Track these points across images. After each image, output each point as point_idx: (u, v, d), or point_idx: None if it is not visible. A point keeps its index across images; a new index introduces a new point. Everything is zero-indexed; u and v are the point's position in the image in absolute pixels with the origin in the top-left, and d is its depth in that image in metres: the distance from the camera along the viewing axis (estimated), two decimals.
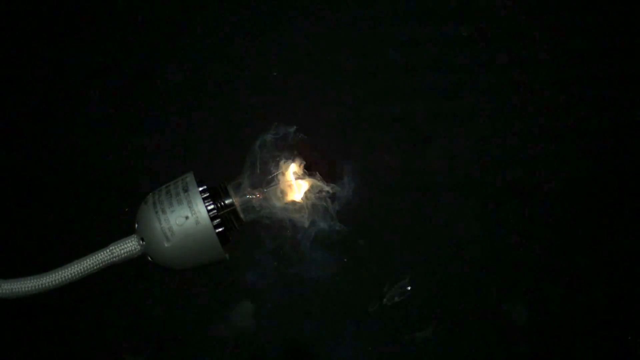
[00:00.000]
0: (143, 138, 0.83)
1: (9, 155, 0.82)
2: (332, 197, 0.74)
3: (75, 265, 0.69)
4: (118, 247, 0.70)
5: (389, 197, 0.83)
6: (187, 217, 0.67)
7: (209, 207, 0.67)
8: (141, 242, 0.69)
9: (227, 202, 0.70)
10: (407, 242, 0.82)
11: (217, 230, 0.67)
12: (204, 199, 0.67)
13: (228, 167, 0.76)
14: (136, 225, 0.70)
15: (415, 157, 0.84)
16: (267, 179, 0.72)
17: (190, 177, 0.69)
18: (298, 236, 0.74)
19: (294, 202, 0.73)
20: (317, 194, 0.73)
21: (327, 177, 0.74)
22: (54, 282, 0.69)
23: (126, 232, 0.70)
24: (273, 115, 0.82)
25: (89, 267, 0.70)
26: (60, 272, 0.69)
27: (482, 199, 0.83)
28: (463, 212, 0.83)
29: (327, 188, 0.74)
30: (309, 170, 0.73)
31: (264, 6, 0.90)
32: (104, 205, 0.80)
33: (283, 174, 0.72)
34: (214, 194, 0.69)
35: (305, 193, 0.73)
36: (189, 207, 0.67)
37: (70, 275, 0.69)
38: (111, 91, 0.85)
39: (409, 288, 0.79)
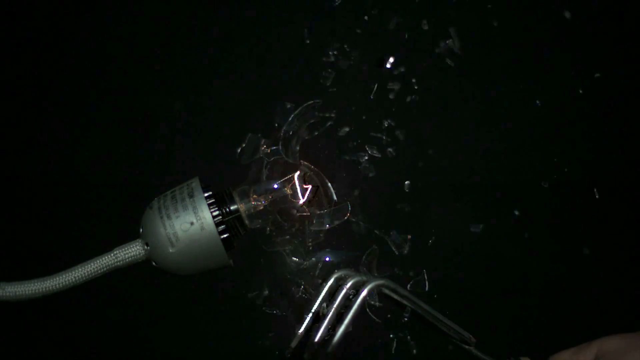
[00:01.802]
0: (149, 143, 0.84)
1: (15, 160, 0.82)
2: (334, 200, 0.74)
3: (80, 269, 0.69)
4: (122, 251, 0.70)
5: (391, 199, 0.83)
6: (192, 223, 0.67)
7: (214, 213, 0.67)
8: (146, 246, 0.69)
9: (232, 208, 0.70)
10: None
11: (222, 237, 0.67)
12: (209, 204, 0.67)
13: (234, 173, 0.76)
14: (141, 230, 0.69)
15: (415, 159, 0.85)
16: (273, 185, 0.72)
17: (195, 183, 0.69)
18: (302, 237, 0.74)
19: (299, 208, 0.73)
20: (320, 199, 0.73)
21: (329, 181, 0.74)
22: (57, 286, 0.69)
23: (131, 236, 0.70)
24: (279, 121, 0.82)
25: (93, 271, 0.69)
26: (64, 276, 0.69)
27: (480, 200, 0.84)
28: (461, 213, 0.83)
29: (330, 192, 0.74)
30: (310, 175, 0.73)
31: (266, 11, 0.90)
32: (109, 210, 0.80)
33: (289, 180, 0.72)
34: (219, 200, 0.69)
35: (309, 198, 0.73)
36: (194, 212, 0.67)
37: (74, 279, 0.69)
38: (116, 95, 0.85)
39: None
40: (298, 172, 0.73)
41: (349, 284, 0.68)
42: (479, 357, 0.74)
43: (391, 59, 0.75)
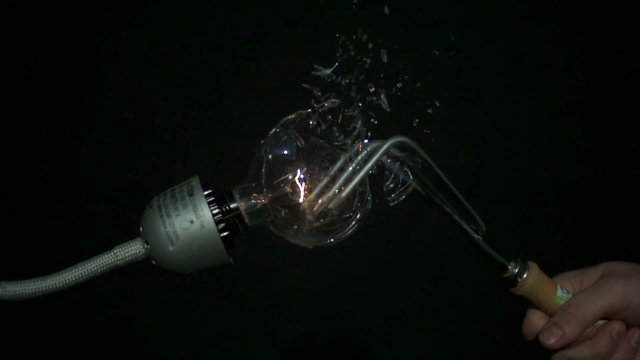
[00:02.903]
0: (150, 143, 0.84)
1: (15, 160, 0.82)
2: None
3: (79, 268, 0.69)
4: (122, 250, 0.70)
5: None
6: (192, 221, 0.67)
7: (214, 212, 0.67)
8: (145, 245, 0.69)
9: (232, 206, 0.70)
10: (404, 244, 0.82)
11: (222, 235, 0.67)
12: (209, 203, 0.67)
13: (234, 171, 0.76)
14: (141, 229, 0.69)
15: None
16: (273, 183, 0.72)
17: (195, 181, 0.69)
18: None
19: (299, 206, 0.72)
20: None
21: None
22: (57, 285, 0.69)
23: (131, 235, 0.70)
24: (279, 119, 0.82)
25: (92, 269, 0.69)
26: (64, 275, 0.69)
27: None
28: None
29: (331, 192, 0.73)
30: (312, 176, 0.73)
31: (266, 12, 0.90)
32: (109, 209, 0.80)
33: (289, 178, 0.72)
34: (219, 198, 0.69)
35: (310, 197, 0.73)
36: (194, 211, 0.67)
37: (74, 278, 0.69)
38: (116, 96, 0.85)
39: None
40: (298, 170, 0.73)
41: (365, 150, 0.64)
42: (485, 250, 0.69)
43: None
